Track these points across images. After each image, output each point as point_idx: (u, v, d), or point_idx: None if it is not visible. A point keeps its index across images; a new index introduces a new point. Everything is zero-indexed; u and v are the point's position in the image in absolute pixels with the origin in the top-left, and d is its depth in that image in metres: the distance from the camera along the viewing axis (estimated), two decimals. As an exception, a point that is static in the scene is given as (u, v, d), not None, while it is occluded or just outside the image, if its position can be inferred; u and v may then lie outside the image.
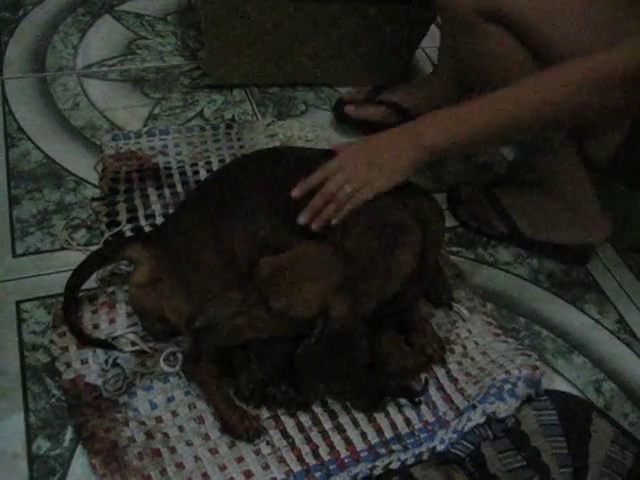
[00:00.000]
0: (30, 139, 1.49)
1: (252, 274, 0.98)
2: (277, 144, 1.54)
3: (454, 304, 1.25)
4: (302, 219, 1.04)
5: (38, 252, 1.26)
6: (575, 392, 1.19)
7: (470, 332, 1.23)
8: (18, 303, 1.18)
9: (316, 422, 1.06)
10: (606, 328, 1.32)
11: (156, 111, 1.61)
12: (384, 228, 1.03)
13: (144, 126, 1.55)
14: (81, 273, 1.12)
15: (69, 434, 1.02)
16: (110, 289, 1.18)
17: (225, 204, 1.09)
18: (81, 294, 1.16)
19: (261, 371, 1.05)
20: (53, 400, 1.06)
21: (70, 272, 1.12)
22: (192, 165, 1.45)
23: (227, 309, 0.97)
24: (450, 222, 1.44)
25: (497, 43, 1.16)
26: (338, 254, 0.99)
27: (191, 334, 1.03)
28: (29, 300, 1.18)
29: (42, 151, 1.46)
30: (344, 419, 1.07)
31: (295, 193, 1.06)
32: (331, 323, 0.95)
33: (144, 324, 1.11)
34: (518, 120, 1.05)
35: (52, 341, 1.11)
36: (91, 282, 1.18)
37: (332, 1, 1.62)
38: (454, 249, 1.40)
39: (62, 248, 1.27)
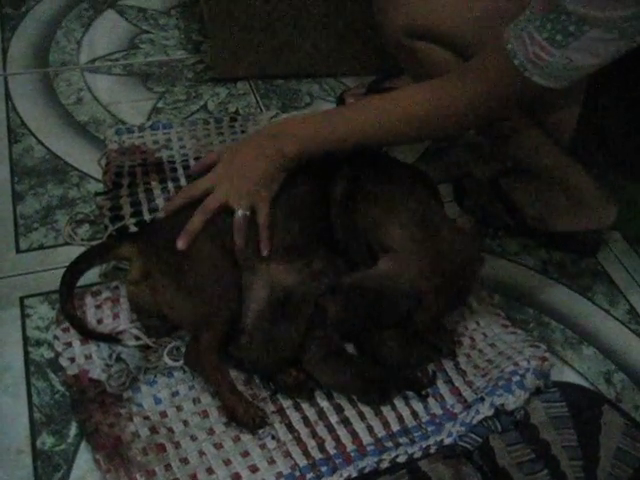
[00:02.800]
0: (33, 135, 1.48)
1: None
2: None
3: None
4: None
5: (42, 247, 1.26)
6: (585, 384, 1.18)
7: (478, 324, 1.21)
8: (22, 299, 1.17)
9: (322, 416, 1.05)
10: (616, 319, 1.30)
11: (160, 105, 1.60)
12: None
13: (148, 120, 1.54)
14: (73, 272, 1.12)
15: (73, 430, 1.01)
16: (113, 284, 1.17)
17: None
18: (84, 289, 1.16)
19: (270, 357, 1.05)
20: (57, 396, 1.05)
21: (74, 267, 1.12)
22: (196, 158, 1.44)
23: None
24: (456, 213, 1.42)
25: (432, 58, 1.19)
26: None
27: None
28: (33, 296, 1.18)
29: (45, 146, 1.46)
30: (350, 412, 1.06)
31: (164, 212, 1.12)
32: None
33: (142, 321, 1.11)
34: (378, 131, 1.09)
35: (56, 336, 1.10)
36: (95, 277, 1.18)
37: (335, -9, 1.61)
38: (461, 240, 1.38)
39: (66, 243, 1.27)
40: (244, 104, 1.64)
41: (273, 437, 1.02)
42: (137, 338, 1.10)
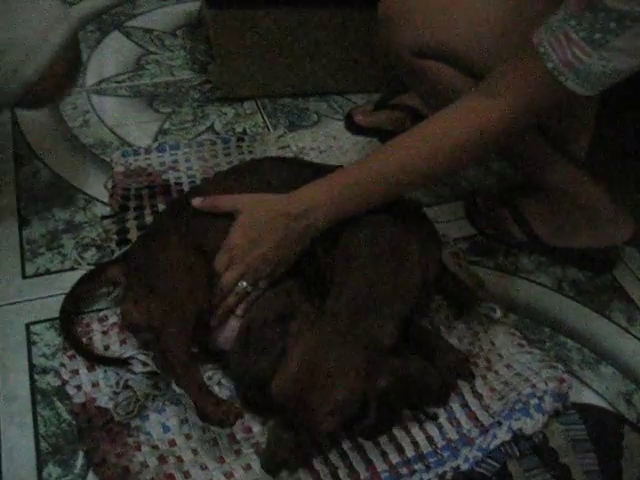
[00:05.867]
0: (39, 158, 1.47)
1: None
2: (289, 156, 1.51)
3: (482, 304, 1.21)
4: (214, 322, 1.07)
5: (48, 273, 1.24)
6: (604, 405, 1.15)
7: (493, 344, 1.18)
8: (28, 325, 1.15)
9: (334, 443, 1.02)
10: (635, 336, 1.27)
11: (166, 126, 1.59)
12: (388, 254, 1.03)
13: (154, 141, 1.53)
14: (72, 298, 1.13)
15: (80, 460, 0.99)
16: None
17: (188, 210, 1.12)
18: (92, 315, 1.14)
19: None
20: (64, 425, 1.03)
21: (80, 293, 1.12)
22: (203, 180, 1.43)
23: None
24: (468, 231, 1.40)
25: (441, 78, 1.17)
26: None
27: None
28: (39, 322, 1.16)
29: (52, 170, 1.45)
30: (363, 438, 1.03)
31: None
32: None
33: (136, 338, 1.10)
34: (411, 178, 1.04)
35: (62, 364, 1.08)
36: (102, 303, 1.16)
37: (342, 9, 1.59)
38: (474, 258, 1.35)
39: (72, 268, 1.25)
40: (251, 124, 1.63)
41: (285, 466, 0.99)
42: (145, 364, 1.08)
